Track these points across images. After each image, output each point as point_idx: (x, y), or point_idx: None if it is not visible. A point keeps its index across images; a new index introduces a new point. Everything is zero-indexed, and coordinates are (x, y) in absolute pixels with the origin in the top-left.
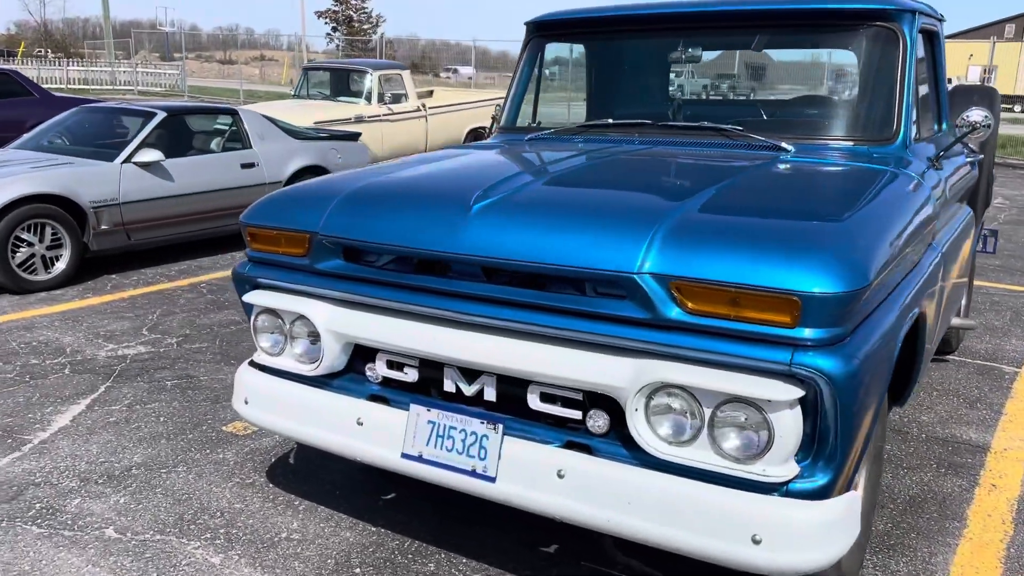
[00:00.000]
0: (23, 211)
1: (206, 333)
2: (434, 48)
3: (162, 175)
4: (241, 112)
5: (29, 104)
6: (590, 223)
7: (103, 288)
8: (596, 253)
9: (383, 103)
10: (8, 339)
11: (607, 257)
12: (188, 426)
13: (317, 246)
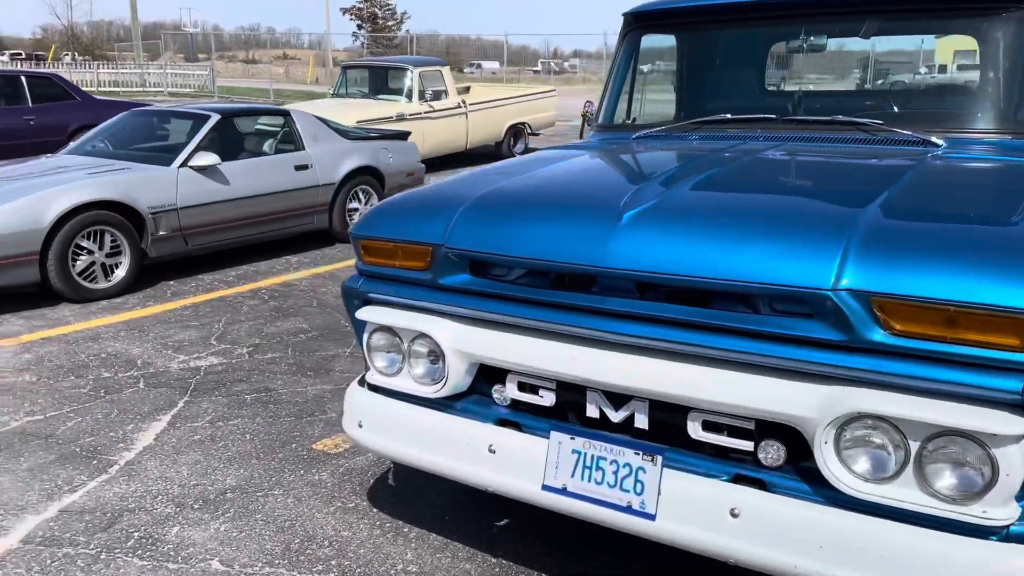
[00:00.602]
0: (83, 218)
1: (276, 343)
2: (454, 43)
3: (218, 179)
4: (293, 113)
5: (71, 108)
6: (769, 233)
7: (163, 296)
8: (780, 267)
9: (424, 100)
10: (76, 351)
11: (794, 272)
12: (276, 444)
13: (441, 260)
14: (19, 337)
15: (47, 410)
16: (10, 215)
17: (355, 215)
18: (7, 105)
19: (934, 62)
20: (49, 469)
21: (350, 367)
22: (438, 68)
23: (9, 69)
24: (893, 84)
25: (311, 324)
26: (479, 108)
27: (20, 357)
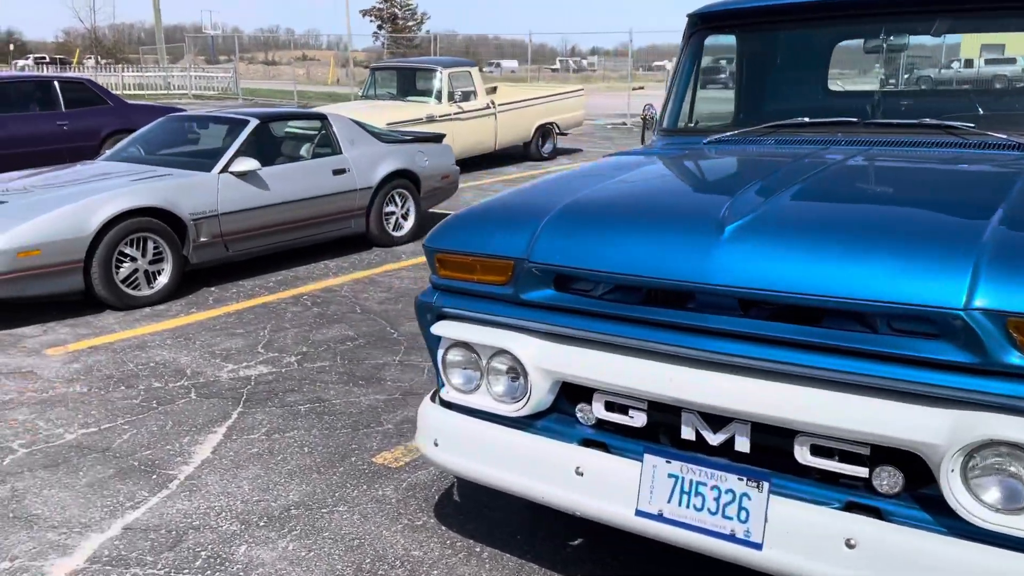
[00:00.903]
0: (126, 225)
1: (324, 351)
2: (472, 43)
3: (258, 184)
4: (330, 116)
5: (104, 112)
6: (889, 248)
7: (205, 303)
8: (904, 285)
9: (453, 101)
10: (124, 359)
11: (921, 290)
12: (336, 458)
13: (523, 274)
14: (66, 346)
15: (101, 422)
16: (55, 223)
17: (391, 219)
18: (40, 110)
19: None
20: (109, 484)
21: (400, 376)
22: (467, 69)
23: (42, 74)
24: (977, 83)
25: (357, 331)
26: (508, 108)
27: (69, 367)
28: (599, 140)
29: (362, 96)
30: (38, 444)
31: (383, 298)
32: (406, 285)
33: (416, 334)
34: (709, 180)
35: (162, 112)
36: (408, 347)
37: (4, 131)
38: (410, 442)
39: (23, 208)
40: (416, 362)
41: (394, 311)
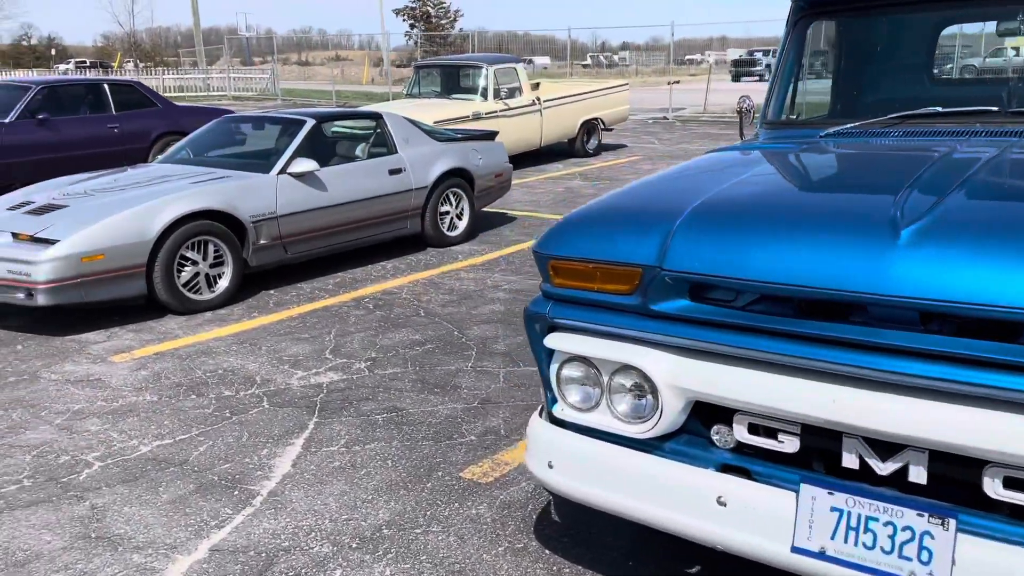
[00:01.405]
0: (189, 228)
1: (393, 356)
2: (502, 39)
3: (316, 185)
4: (385, 116)
5: (153, 114)
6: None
7: (266, 306)
8: None
9: (499, 99)
10: (192, 366)
11: None
12: (421, 472)
13: (653, 283)
14: (132, 352)
15: (175, 433)
16: (118, 227)
17: (446, 219)
18: (91, 113)
19: None
20: (191, 501)
21: (475, 383)
22: (512, 65)
23: (92, 77)
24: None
25: (424, 335)
26: (553, 105)
27: (137, 374)
28: (642, 135)
29: (406, 95)
30: (113, 457)
31: (446, 300)
32: (467, 287)
33: (486, 338)
34: (855, 178)
35: (209, 113)
36: (479, 352)
37: (57, 134)
38: (497, 455)
39: (85, 212)
40: (490, 368)
41: (459, 314)
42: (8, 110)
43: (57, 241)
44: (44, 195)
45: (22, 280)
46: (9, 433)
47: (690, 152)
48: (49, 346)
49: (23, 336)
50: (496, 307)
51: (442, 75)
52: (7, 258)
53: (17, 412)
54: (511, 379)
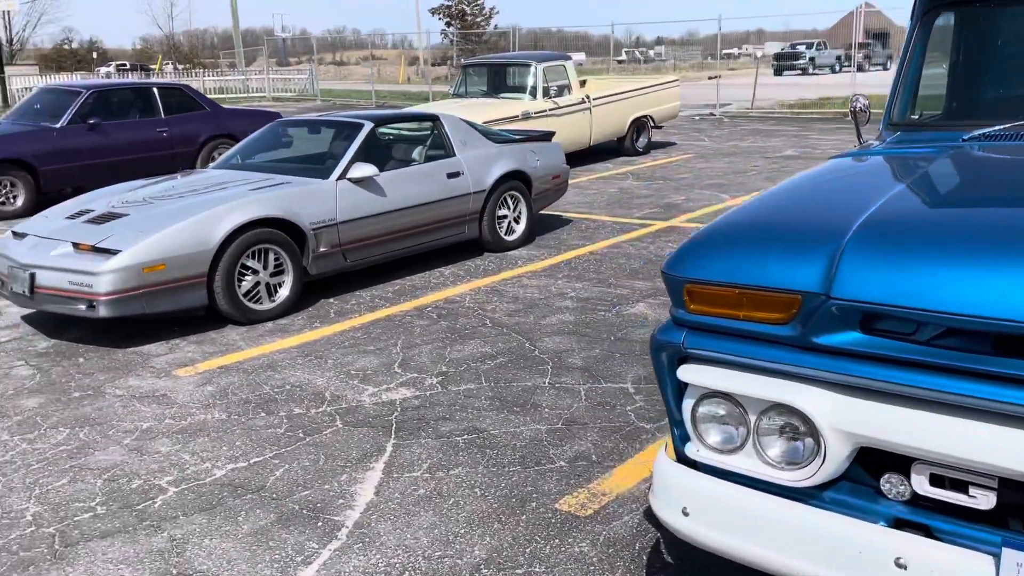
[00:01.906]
0: (250, 236)
1: (465, 371)
2: (536, 36)
3: (375, 190)
4: (442, 117)
5: (202, 118)
6: None
7: (327, 316)
8: None
9: (548, 97)
10: (258, 381)
11: None
12: (514, 502)
13: (818, 312)
14: (195, 366)
15: (248, 455)
16: (179, 236)
17: (503, 223)
18: (140, 117)
19: None
20: (273, 533)
21: (556, 402)
22: (561, 63)
23: (142, 81)
24: None
25: (494, 348)
26: (603, 102)
27: (203, 390)
28: (691, 132)
29: (453, 95)
30: (187, 482)
31: (511, 310)
32: (531, 295)
33: (560, 351)
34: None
35: (256, 116)
36: (555, 367)
37: (107, 139)
38: (592, 484)
39: (145, 221)
40: (569, 385)
41: (527, 324)
42: (59, 115)
43: (119, 251)
44: (102, 203)
45: (83, 291)
46: (78, 454)
47: (742, 149)
48: (111, 359)
49: (84, 348)
50: (565, 317)
51: (490, 74)
52: (68, 269)
53: (84, 431)
54: (594, 397)
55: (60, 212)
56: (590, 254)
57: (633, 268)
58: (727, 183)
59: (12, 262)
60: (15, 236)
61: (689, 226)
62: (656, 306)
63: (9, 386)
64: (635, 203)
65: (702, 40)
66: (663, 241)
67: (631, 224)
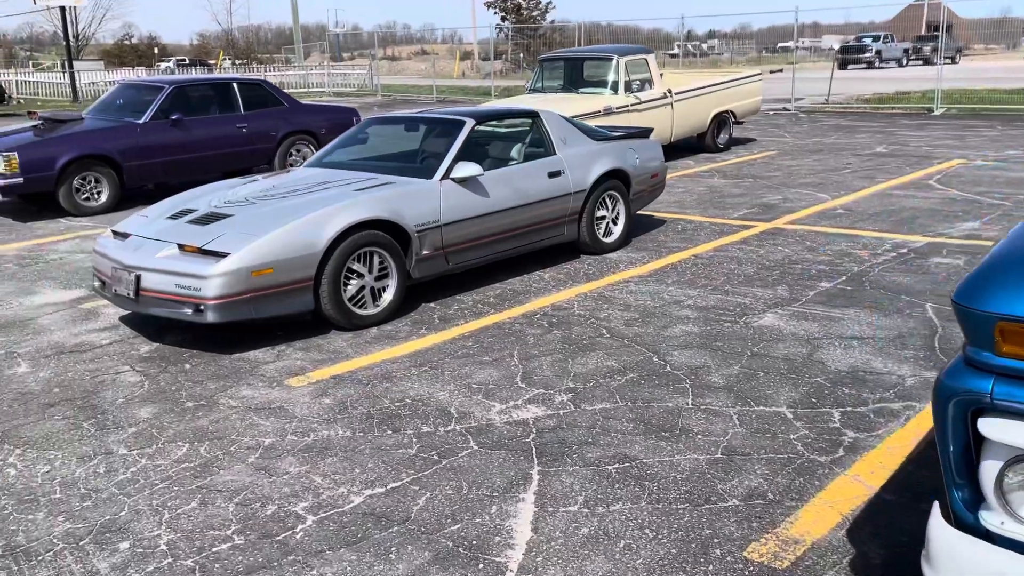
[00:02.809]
0: (356, 238)
1: (595, 387)
2: (587, 31)
3: (478, 191)
4: (542, 114)
5: (280, 114)
6: None
7: (432, 322)
8: None
9: (629, 92)
10: (376, 393)
11: None
12: (695, 548)
13: None
14: (307, 375)
15: (385, 479)
16: (288, 238)
17: (602, 224)
18: (220, 113)
19: None
20: (433, 575)
21: (707, 426)
22: (643, 56)
23: (222, 75)
24: None
25: (619, 362)
26: (685, 97)
27: (320, 402)
28: (768, 128)
29: (529, 90)
30: (325, 509)
31: (628, 319)
32: (644, 302)
33: (695, 368)
34: None
35: (335, 112)
36: (695, 386)
37: (189, 135)
38: (779, 529)
39: (252, 222)
40: (716, 407)
41: (649, 336)
42: (142, 111)
43: (227, 254)
44: (202, 203)
45: (191, 295)
46: (203, 472)
47: (828, 146)
48: (218, 366)
49: (188, 353)
50: (689, 328)
51: (569, 68)
52: (175, 271)
53: (204, 446)
54: (749, 422)
55: (159, 211)
56: (695, 258)
57: (747, 274)
58: (822, 182)
59: (116, 263)
60: (116, 236)
61: (795, 228)
62: (787, 318)
63: (119, 393)
64: (728, 203)
65: (755, 33)
66: (771, 244)
67: (730, 225)
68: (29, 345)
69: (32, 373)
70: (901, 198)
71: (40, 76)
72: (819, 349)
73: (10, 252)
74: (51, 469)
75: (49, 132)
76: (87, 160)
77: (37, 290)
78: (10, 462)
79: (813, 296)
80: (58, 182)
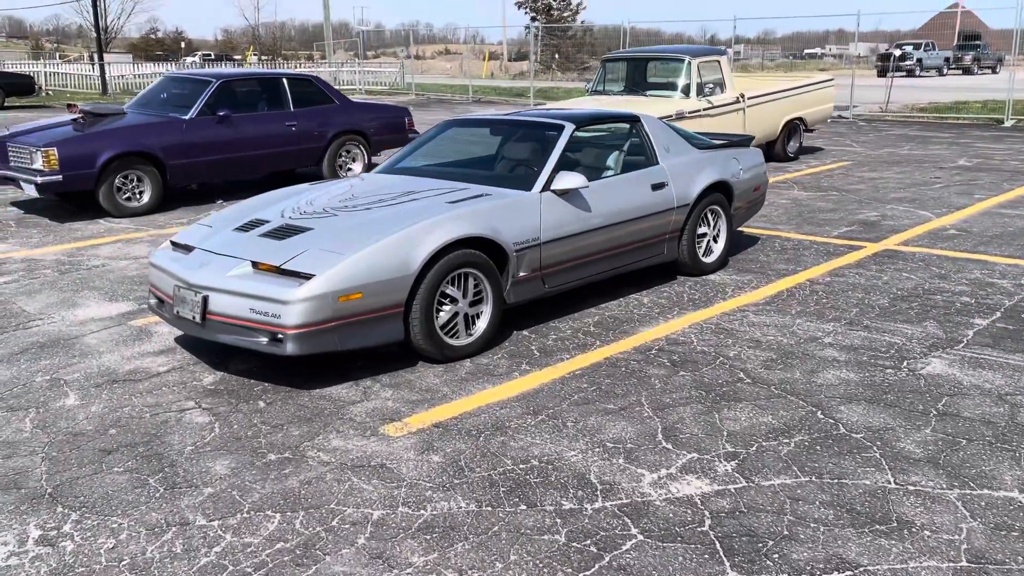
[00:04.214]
0: (452, 259)
1: (761, 452)
2: (608, 33)
3: (579, 204)
4: (643, 119)
5: (331, 112)
6: None
7: (530, 354)
8: None
9: (702, 95)
10: (492, 450)
11: None
12: None
13: None
14: (404, 421)
15: None
16: (379, 257)
17: (702, 242)
18: (269, 110)
19: None
20: None
21: (930, 518)
22: (716, 58)
23: (271, 71)
24: None
25: (778, 418)
26: (757, 103)
27: (429, 460)
28: (832, 137)
29: (590, 91)
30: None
31: (764, 359)
32: (775, 338)
33: (877, 430)
34: None
35: (386, 111)
36: (888, 457)
37: (236, 132)
38: None
39: (336, 238)
40: (928, 488)
41: (799, 383)
42: (188, 106)
43: (311, 275)
44: (273, 212)
45: (268, 322)
46: (306, 559)
47: (903, 157)
48: (297, 405)
49: (259, 387)
50: (843, 375)
51: (634, 69)
52: (251, 294)
53: (300, 518)
54: (981, 513)
55: (224, 221)
56: (810, 284)
57: (880, 305)
58: (917, 197)
59: (179, 281)
60: (176, 248)
61: (910, 250)
62: (959, 365)
63: (187, 438)
64: (821, 218)
65: (779, 39)
66: (892, 270)
67: (834, 245)
68: (77, 370)
69: (83, 407)
70: (1014, 218)
71: (68, 68)
72: (1020, 409)
73: (48, 256)
74: (116, 545)
75: (89, 127)
76: (130, 157)
77: (80, 302)
78: (66, 531)
79: (974, 337)
80: (99, 180)
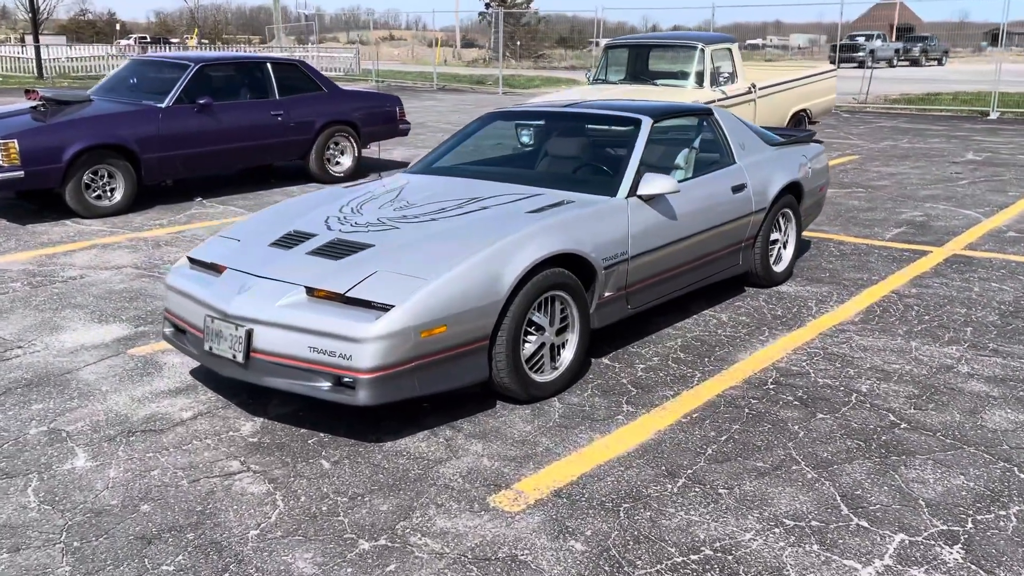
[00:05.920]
0: (540, 280)
1: (984, 531)
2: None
3: (666, 211)
4: (717, 112)
5: (319, 100)
6: None
7: (623, 389)
8: None
9: (715, 85)
10: (643, 532)
11: None
12: None
13: None
14: (514, 488)
15: None
16: (465, 282)
17: (774, 249)
18: (252, 97)
19: None
20: None
21: None
22: (728, 46)
23: (256, 55)
24: None
25: (972, 479)
26: (767, 93)
27: (569, 549)
28: (825, 129)
29: (592, 81)
30: None
31: (907, 395)
32: (902, 368)
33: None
34: None
35: (378, 99)
36: None
37: (216, 121)
38: None
39: (407, 257)
40: None
41: (970, 429)
42: (163, 93)
43: (390, 306)
44: (314, 221)
45: (336, 364)
46: None
47: (908, 151)
48: (370, 464)
49: (312, 437)
50: (1014, 416)
51: (640, 57)
52: (311, 329)
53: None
54: None
55: (255, 232)
56: (897, 296)
57: (995, 324)
58: (950, 195)
59: (212, 310)
60: (196, 266)
61: (980, 255)
62: None
63: (246, 518)
64: (863, 218)
65: (720, 29)
66: (977, 279)
67: (896, 250)
68: (79, 418)
69: (98, 471)
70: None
71: (1, 51)
72: None
73: (14, 266)
74: None
75: (52, 116)
76: (100, 150)
77: (63, 324)
78: None
79: None
80: (66, 176)
